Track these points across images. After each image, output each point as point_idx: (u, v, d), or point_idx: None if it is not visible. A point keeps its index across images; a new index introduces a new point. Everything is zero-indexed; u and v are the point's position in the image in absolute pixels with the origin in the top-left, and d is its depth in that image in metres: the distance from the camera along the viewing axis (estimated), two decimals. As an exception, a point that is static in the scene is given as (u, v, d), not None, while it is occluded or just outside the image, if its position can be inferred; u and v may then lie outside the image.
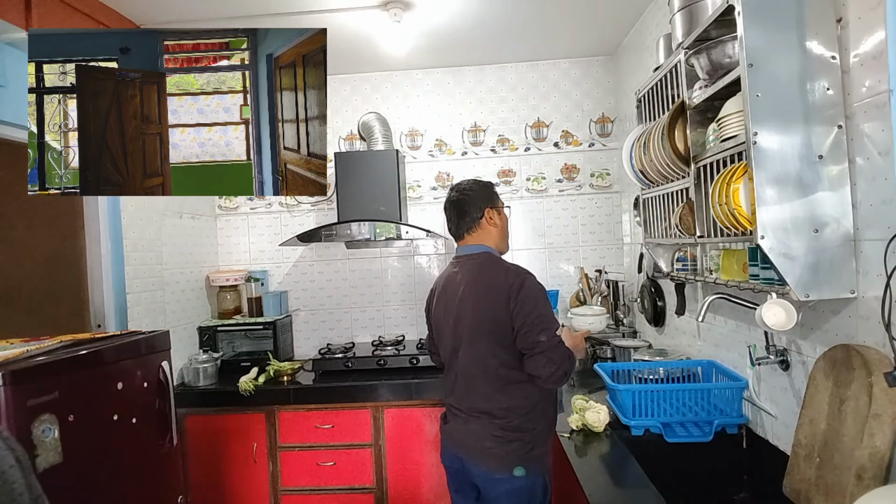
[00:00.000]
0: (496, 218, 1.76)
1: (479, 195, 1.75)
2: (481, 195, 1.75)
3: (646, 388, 1.75)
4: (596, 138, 3.19)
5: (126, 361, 1.75)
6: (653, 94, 1.92)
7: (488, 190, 1.78)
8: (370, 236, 2.95)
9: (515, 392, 1.61)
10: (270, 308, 3.06)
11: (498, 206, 1.77)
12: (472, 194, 1.76)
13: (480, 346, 1.63)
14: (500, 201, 1.80)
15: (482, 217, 1.74)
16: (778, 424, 1.57)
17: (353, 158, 2.96)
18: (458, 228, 1.78)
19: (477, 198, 1.75)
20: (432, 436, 2.59)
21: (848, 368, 1.19)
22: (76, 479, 1.49)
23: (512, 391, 1.61)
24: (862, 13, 1.15)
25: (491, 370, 1.62)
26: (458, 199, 1.77)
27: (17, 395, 1.34)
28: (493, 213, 1.75)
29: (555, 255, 3.20)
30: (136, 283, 2.47)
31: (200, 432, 2.63)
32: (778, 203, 1.21)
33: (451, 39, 2.79)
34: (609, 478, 1.54)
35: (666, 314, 2.48)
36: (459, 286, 1.71)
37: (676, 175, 1.71)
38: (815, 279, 1.21)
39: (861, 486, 1.09)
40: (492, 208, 1.75)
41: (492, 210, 1.75)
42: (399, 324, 3.25)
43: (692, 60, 1.51)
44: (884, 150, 1.12)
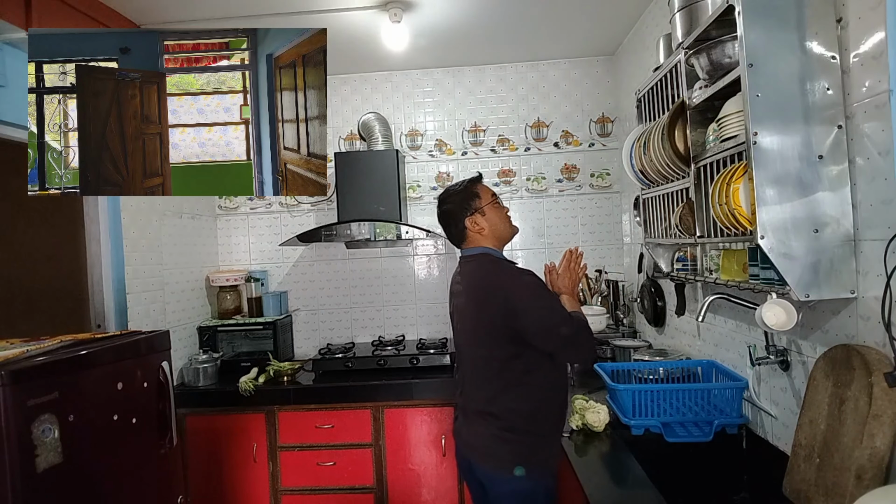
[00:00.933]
0: (481, 222, 1.70)
1: (457, 207, 1.72)
2: (458, 207, 1.72)
3: (646, 388, 1.75)
4: (596, 138, 3.19)
5: (126, 361, 1.75)
6: (653, 94, 1.92)
7: (465, 195, 1.72)
8: (370, 236, 2.95)
9: (516, 394, 1.60)
10: (270, 308, 3.06)
11: (479, 210, 1.70)
12: (450, 207, 1.73)
13: (481, 348, 1.65)
14: (482, 199, 1.72)
15: (465, 228, 1.71)
16: (778, 425, 1.57)
17: (353, 158, 2.96)
18: (451, 239, 1.80)
19: (455, 210, 1.72)
20: (433, 436, 2.59)
21: (848, 369, 1.19)
22: (76, 479, 1.49)
23: (513, 393, 1.60)
24: (862, 13, 1.15)
25: (492, 372, 1.62)
26: (440, 214, 1.77)
27: (17, 395, 1.33)
28: (474, 220, 1.70)
29: (555, 255, 3.20)
30: (136, 283, 2.47)
31: (200, 432, 2.63)
32: (778, 203, 1.20)
33: (451, 39, 2.79)
34: (609, 478, 1.54)
35: (666, 314, 2.48)
36: (461, 288, 1.73)
37: (676, 175, 1.71)
38: (815, 279, 1.21)
39: (861, 486, 1.09)
40: (471, 216, 1.70)
41: (472, 218, 1.70)
42: (399, 324, 3.25)
43: (692, 60, 1.51)
44: (884, 150, 1.12)
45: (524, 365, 1.59)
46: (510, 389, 1.60)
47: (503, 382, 1.60)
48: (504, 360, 1.60)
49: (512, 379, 1.60)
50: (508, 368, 1.60)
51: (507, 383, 1.60)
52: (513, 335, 1.56)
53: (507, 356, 1.59)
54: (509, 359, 1.59)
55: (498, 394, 1.61)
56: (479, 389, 1.65)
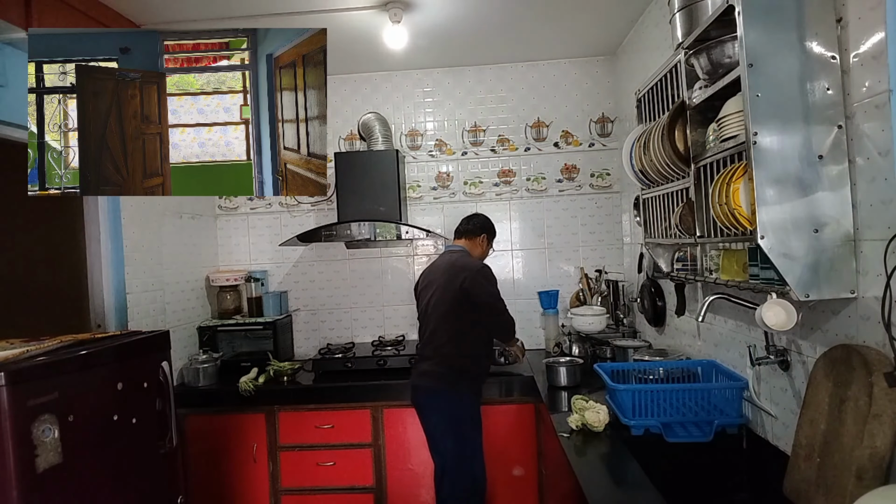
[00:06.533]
0: (484, 243, 2.57)
1: (486, 226, 2.58)
2: (487, 227, 2.58)
3: (646, 388, 1.75)
4: (596, 138, 3.19)
5: (126, 361, 1.75)
6: (653, 94, 1.92)
7: (491, 228, 2.60)
8: (370, 236, 2.94)
9: (463, 340, 2.33)
10: (270, 308, 3.06)
11: (489, 240, 2.59)
12: (483, 221, 2.59)
13: (444, 306, 2.35)
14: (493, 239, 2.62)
15: (478, 235, 2.55)
16: (778, 424, 1.57)
17: (353, 158, 2.96)
18: (463, 228, 2.57)
19: (484, 224, 2.58)
20: (432, 436, 2.59)
21: (848, 368, 1.19)
22: (76, 479, 1.49)
23: (460, 339, 2.33)
24: (862, 13, 1.15)
25: (449, 323, 2.34)
26: (475, 216, 2.60)
27: (17, 395, 1.33)
28: (484, 239, 2.56)
29: (555, 255, 3.20)
30: (136, 283, 2.47)
31: (200, 432, 2.63)
32: (778, 203, 1.20)
33: (451, 39, 2.79)
34: (609, 478, 1.54)
35: (666, 314, 2.48)
36: (441, 266, 2.47)
37: (676, 175, 1.71)
38: (815, 279, 1.21)
39: (861, 486, 1.09)
40: (486, 237, 2.56)
41: (485, 238, 2.57)
42: (399, 324, 3.25)
43: (692, 60, 1.51)
44: (884, 150, 1.12)
45: (471, 323, 2.32)
46: (459, 337, 2.33)
47: (455, 332, 2.33)
48: (458, 318, 2.32)
49: (462, 329, 2.33)
50: (461, 325, 2.33)
51: (459, 332, 2.33)
52: (467, 301, 2.29)
53: (461, 313, 2.32)
54: (462, 314, 2.32)
55: (451, 338, 2.33)
56: (439, 335, 2.35)
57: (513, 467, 2.58)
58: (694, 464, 1.67)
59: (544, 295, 3.03)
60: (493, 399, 2.57)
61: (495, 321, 2.38)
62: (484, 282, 2.32)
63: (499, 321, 2.38)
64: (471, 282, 2.29)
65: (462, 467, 2.30)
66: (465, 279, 2.30)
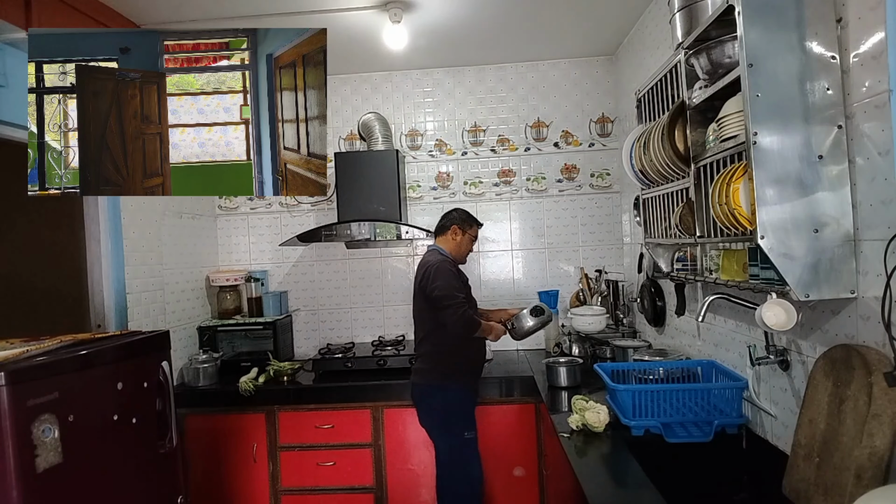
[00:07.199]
0: (456, 235, 2.49)
1: (457, 216, 2.51)
2: (458, 217, 2.51)
3: (646, 389, 1.75)
4: (596, 138, 3.19)
5: (126, 361, 1.75)
6: (653, 94, 1.92)
7: (467, 217, 2.52)
8: (370, 236, 2.94)
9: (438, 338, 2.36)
10: (270, 308, 3.06)
11: (463, 229, 2.49)
12: (454, 213, 2.53)
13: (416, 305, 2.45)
14: (471, 229, 2.51)
15: (448, 230, 2.49)
16: (777, 424, 1.57)
17: (353, 158, 2.96)
18: (436, 227, 2.56)
19: (455, 217, 2.51)
20: (432, 436, 2.59)
21: (848, 368, 1.19)
22: (76, 479, 1.49)
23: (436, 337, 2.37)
24: (862, 13, 1.15)
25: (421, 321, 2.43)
26: (447, 213, 2.55)
27: (17, 395, 1.33)
28: (455, 231, 2.48)
29: (555, 255, 3.20)
30: (136, 283, 2.47)
31: (200, 432, 2.63)
32: (778, 203, 1.20)
33: (451, 39, 2.79)
34: (609, 478, 1.54)
35: (666, 314, 2.48)
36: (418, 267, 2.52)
37: (676, 175, 1.71)
38: (815, 279, 1.21)
39: (860, 486, 1.09)
40: (457, 227, 2.48)
41: (457, 229, 2.48)
42: (399, 324, 3.25)
43: (692, 60, 1.51)
44: (884, 150, 1.12)
45: (438, 319, 2.32)
46: (432, 334, 2.38)
47: (427, 329, 2.39)
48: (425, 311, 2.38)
49: (433, 326, 2.36)
50: (428, 319, 2.38)
51: (430, 330, 2.38)
52: (428, 298, 2.33)
53: (426, 310, 2.37)
54: (427, 311, 2.37)
55: (426, 336, 2.40)
56: (418, 334, 2.45)
57: (513, 467, 2.58)
58: (694, 464, 1.67)
59: (544, 295, 3.03)
60: (494, 399, 2.58)
61: (443, 315, 2.31)
62: (435, 276, 2.32)
63: (444, 315, 2.29)
64: (425, 278, 2.34)
65: (455, 463, 2.32)
66: (423, 277, 2.36)
